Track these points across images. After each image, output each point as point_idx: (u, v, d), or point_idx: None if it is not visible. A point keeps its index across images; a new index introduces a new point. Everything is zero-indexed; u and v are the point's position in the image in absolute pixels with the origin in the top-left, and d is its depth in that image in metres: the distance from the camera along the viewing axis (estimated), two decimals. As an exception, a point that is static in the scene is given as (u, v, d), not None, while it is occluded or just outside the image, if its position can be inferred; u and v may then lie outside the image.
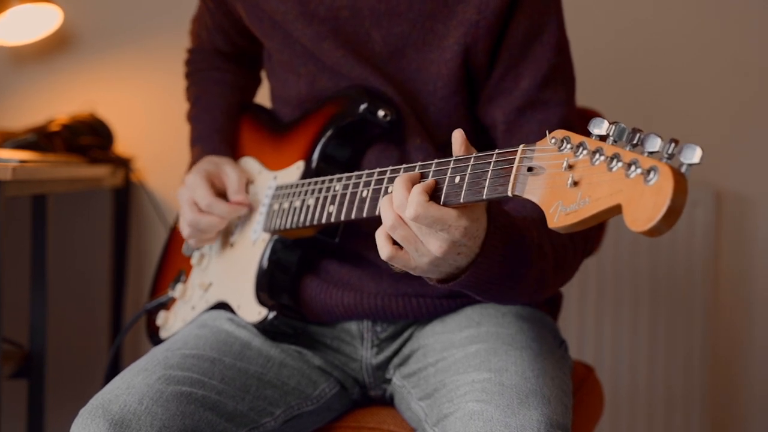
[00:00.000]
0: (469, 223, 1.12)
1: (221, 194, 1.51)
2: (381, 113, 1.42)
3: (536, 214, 1.25)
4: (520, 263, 1.20)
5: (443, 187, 1.14)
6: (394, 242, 1.16)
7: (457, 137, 1.14)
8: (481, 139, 1.48)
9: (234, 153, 1.61)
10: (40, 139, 2.12)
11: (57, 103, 2.45)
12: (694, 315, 2.45)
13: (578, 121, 1.45)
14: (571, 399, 1.33)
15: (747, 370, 2.54)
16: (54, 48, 2.47)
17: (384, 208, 1.16)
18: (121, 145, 2.43)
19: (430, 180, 1.14)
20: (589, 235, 1.38)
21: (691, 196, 2.43)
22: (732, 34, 2.50)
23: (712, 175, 2.47)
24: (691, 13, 2.50)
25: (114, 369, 1.67)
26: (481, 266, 1.16)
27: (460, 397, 1.25)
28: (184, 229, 1.51)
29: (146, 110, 2.49)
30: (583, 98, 2.09)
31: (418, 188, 1.12)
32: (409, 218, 1.11)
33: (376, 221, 1.26)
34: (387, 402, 1.51)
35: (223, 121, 1.64)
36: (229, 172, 1.51)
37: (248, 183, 1.54)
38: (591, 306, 2.47)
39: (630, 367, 2.47)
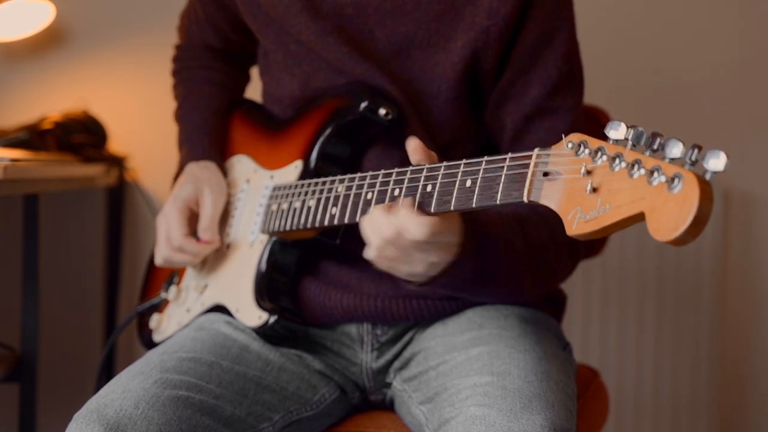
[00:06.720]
0: (449, 239, 1.19)
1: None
2: (382, 111, 1.41)
3: (511, 211, 1.32)
4: (489, 262, 1.26)
5: (453, 190, 1.13)
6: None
7: (412, 145, 1.21)
8: (484, 143, 1.48)
9: (223, 156, 1.60)
10: (32, 138, 2.11)
11: (49, 101, 2.43)
12: (702, 316, 2.44)
13: (585, 122, 1.46)
14: (575, 403, 1.32)
15: (756, 373, 2.53)
16: (46, 44, 2.46)
17: (370, 231, 1.22)
18: (115, 144, 2.42)
19: (408, 198, 1.19)
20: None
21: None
22: (740, 32, 2.50)
23: (720, 174, 2.44)
24: (700, 11, 2.50)
25: (106, 371, 1.65)
26: (454, 274, 1.23)
27: (462, 401, 1.24)
28: (158, 259, 1.51)
29: (140, 108, 2.47)
30: (590, 97, 2.07)
31: (407, 204, 1.18)
32: (419, 239, 1.17)
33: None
34: (387, 406, 1.50)
35: (212, 122, 1.62)
36: (205, 200, 1.50)
37: (226, 210, 1.53)
38: (596, 307, 2.45)
39: (636, 370, 2.46)
